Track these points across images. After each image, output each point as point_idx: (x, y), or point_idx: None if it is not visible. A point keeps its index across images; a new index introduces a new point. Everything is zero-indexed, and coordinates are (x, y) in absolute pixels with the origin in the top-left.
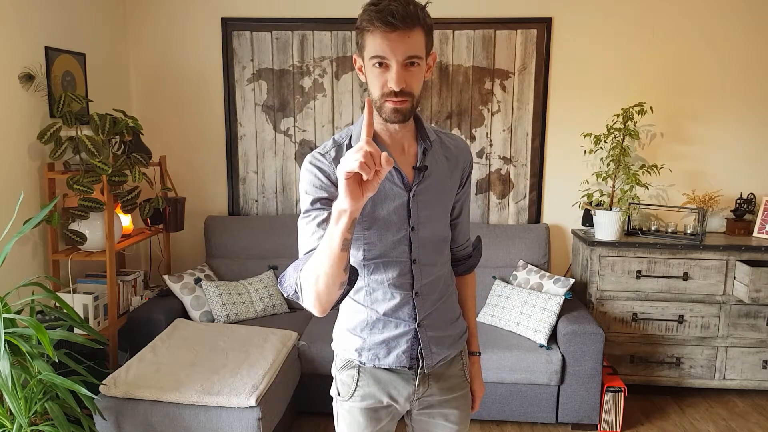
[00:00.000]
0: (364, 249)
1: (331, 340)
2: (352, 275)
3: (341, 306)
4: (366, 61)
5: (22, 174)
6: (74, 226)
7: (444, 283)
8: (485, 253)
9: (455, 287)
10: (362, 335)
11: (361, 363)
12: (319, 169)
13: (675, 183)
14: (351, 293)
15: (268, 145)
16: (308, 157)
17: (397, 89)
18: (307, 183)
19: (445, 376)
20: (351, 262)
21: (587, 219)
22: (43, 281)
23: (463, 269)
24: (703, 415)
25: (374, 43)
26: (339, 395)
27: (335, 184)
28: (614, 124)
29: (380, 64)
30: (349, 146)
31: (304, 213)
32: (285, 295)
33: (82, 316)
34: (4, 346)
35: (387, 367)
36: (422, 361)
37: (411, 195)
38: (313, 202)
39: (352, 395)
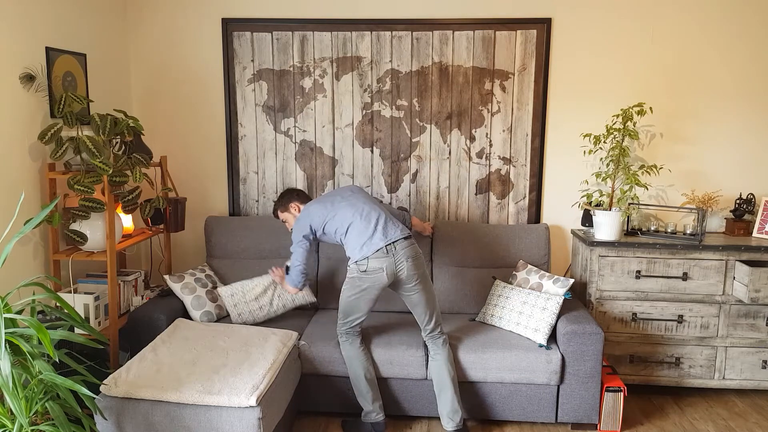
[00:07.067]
0: None
1: (331, 340)
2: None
3: None
4: None
5: (22, 174)
6: (75, 226)
7: None
8: (485, 253)
9: None
10: None
11: None
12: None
13: (674, 183)
14: None
15: (269, 145)
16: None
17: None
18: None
19: None
20: None
21: (587, 219)
22: (44, 281)
23: None
24: (703, 414)
25: None
26: None
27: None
28: (614, 124)
29: None
30: None
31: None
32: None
33: (82, 316)
34: (5, 346)
35: None
36: None
37: None
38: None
39: None
